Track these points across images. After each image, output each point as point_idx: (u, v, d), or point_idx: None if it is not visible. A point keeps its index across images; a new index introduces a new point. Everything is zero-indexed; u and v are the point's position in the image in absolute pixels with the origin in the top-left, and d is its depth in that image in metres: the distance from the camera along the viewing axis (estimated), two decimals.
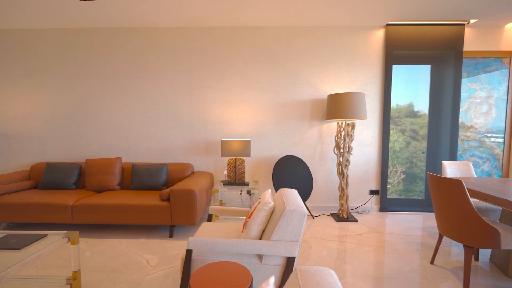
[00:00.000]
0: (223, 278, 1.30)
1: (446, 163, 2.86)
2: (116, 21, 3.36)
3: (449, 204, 1.93)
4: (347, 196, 3.28)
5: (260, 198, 1.94)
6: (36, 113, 3.65)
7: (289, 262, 1.60)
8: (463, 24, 3.35)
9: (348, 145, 3.22)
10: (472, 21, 3.29)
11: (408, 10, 3.09)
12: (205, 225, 2.12)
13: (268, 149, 3.60)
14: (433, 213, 3.59)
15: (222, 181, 3.37)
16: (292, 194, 1.89)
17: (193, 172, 3.48)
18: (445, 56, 3.50)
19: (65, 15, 3.19)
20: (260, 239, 1.76)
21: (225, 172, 3.38)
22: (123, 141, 3.65)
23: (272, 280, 0.86)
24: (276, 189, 3.17)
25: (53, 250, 1.59)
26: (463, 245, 1.89)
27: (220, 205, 3.54)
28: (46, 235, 1.73)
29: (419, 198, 3.77)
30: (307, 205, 3.63)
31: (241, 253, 1.65)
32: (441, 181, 1.96)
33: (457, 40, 3.39)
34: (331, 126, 3.56)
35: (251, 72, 3.53)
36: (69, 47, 3.57)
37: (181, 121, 3.59)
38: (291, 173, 3.27)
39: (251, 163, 3.60)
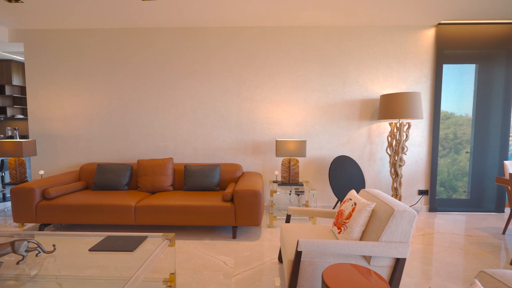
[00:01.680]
0: (359, 280, 1.28)
1: (508, 163, 2.84)
2: (163, 22, 3.34)
3: None
4: (400, 196, 3.26)
5: (350, 200, 1.93)
6: (82, 113, 3.64)
7: (399, 263, 1.59)
8: None
9: (403, 145, 3.21)
10: None
11: (461, 9, 3.07)
12: (286, 226, 2.11)
13: (316, 149, 3.58)
14: (481, 213, 3.57)
15: (274, 181, 3.36)
16: (384, 195, 1.87)
17: (243, 173, 3.46)
18: (495, 55, 3.49)
19: (112, 16, 3.17)
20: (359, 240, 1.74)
21: (276, 173, 3.37)
22: (170, 141, 3.63)
23: (478, 282, 0.84)
24: (333, 188, 3.15)
25: (162, 252, 1.58)
26: None
27: (271, 205, 3.53)
28: (146, 237, 1.71)
29: (464, 198, 3.75)
30: None
31: (351, 254, 1.63)
32: None
33: (510, 39, 3.37)
34: (380, 126, 3.55)
35: (300, 72, 3.51)
36: (115, 47, 3.55)
37: (229, 121, 3.58)
38: (346, 173, 3.25)
39: (299, 163, 3.58)
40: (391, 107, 3.12)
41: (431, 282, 1.96)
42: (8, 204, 3.90)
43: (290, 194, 3.61)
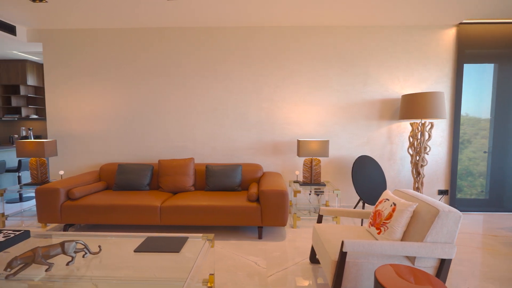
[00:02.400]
0: (414, 281, 1.27)
1: None
2: (183, 21, 3.33)
3: None
4: None
5: (387, 200, 1.91)
6: (100, 114, 3.63)
7: (444, 264, 1.58)
8: None
9: (425, 145, 3.19)
10: None
11: (483, 9, 3.06)
12: (319, 227, 2.10)
13: (336, 149, 3.57)
14: (501, 213, 3.56)
15: (295, 181, 3.35)
16: (420, 195, 1.86)
17: (264, 173, 3.45)
18: None
19: (132, 15, 3.16)
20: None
21: (297, 173, 3.36)
22: (189, 141, 3.62)
23: None
24: (356, 188, 3.13)
25: (207, 253, 1.57)
26: None
27: (290, 205, 3.52)
28: (187, 238, 1.70)
29: (483, 198, 3.74)
30: None
31: (396, 255, 1.62)
32: None
33: None
34: (400, 126, 3.54)
35: (320, 72, 3.50)
36: (135, 47, 3.55)
37: (248, 121, 3.57)
38: (368, 173, 3.24)
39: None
40: (414, 107, 3.11)
41: (468, 282, 1.95)
42: (26, 204, 3.89)
43: (310, 194, 3.60)
